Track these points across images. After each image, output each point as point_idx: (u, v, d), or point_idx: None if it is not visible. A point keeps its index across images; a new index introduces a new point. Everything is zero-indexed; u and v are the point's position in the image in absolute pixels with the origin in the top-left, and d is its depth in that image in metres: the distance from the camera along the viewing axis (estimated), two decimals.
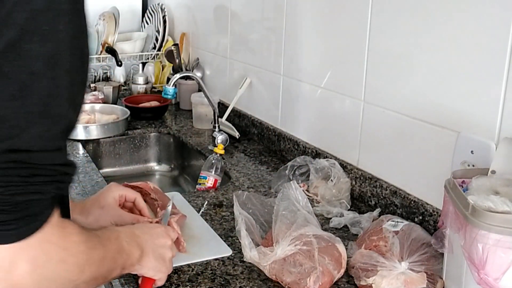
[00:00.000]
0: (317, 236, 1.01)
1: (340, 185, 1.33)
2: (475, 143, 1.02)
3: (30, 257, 0.62)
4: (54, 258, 0.65)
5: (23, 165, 0.58)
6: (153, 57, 2.51)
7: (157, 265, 0.91)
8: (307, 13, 1.53)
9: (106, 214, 1.06)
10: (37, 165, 0.59)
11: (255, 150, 1.77)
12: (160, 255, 0.92)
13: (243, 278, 1.01)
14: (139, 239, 0.88)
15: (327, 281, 0.96)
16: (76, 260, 0.68)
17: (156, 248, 0.91)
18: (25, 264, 0.62)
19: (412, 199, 1.20)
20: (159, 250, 0.92)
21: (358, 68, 1.34)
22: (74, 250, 0.68)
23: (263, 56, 1.79)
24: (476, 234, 0.78)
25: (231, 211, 1.25)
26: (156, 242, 0.92)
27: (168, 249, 0.95)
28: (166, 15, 2.47)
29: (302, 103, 1.60)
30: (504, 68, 0.97)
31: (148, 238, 0.90)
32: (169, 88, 1.73)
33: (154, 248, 0.91)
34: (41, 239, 0.62)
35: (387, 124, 1.27)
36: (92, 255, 0.72)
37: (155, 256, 0.90)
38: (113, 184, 1.12)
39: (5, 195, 0.58)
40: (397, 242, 0.99)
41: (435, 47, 1.12)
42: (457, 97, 1.08)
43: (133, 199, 1.12)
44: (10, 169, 0.57)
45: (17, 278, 0.61)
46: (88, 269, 0.70)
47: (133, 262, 0.85)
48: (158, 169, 2.04)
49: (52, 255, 0.65)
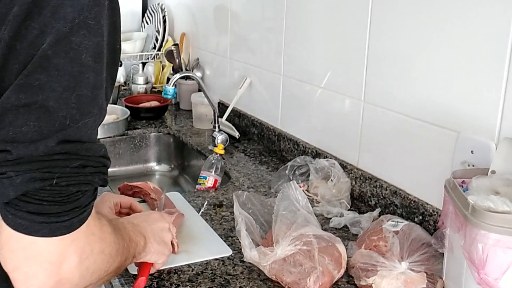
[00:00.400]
0: (317, 236, 1.01)
1: (340, 185, 1.33)
2: (475, 143, 1.02)
3: (78, 250, 0.63)
4: (95, 250, 0.66)
5: (75, 156, 0.59)
6: (153, 57, 2.51)
7: (160, 249, 0.93)
8: (307, 13, 1.53)
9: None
10: (86, 156, 0.60)
11: (255, 150, 1.77)
12: (161, 239, 0.94)
13: (243, 278, 1.01)
14: (139, 227, 0.89)
15: (327, 281, 0.96)
16: (110, 251, 0.69)
17: (156, 232, 0.93)
18: (73, 256, 0.62)
19: (412, 199, 1.20)
20: (159, 234, 0.94)
21: (358, 68, 1.34)
22: (108, 240, 0.69)
23: (263, 56, 1.79)
24: (476, 234, 0.78)
25: (231, 211, 1.25)
26: (154, 227, 0.93)
27: (167, 231, 0.97)
28: (166, 15, 2.47)
29: (302, 103, 1.60)
30: (504, 68, 0.97)
31: (146, 225, 0.92)
32: (169, 88, 1.73)
33: (154, 233, 0.92)
34: (86, 231, 0.63)
35: (387, 124, 1.27)
36: (119, 245, 0.73)
37: (156, 240, 0.92)
38: (105, 194, 1.10)
39: (60, 186, 0.58)
40: (397, 242, 0.99)
41: (435, 47, 1.12)
42: (457, 97, 1.08)
43: (129, 205, 1.11)
44: (64, 160, 0.58)
45: (65, 271, 0.61)
46: (116, 258, 0.72)
47: (140, 250, 0.86)
48: (158, 169, 2.04)
49: (94, 247, 0.66)
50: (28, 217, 0.58)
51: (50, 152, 0.57)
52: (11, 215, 0.58)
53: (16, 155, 0.56)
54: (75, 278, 0.63)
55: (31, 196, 0.57)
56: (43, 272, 0.60)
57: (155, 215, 0.99)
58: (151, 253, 0.91)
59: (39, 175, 0.57)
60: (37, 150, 0.56)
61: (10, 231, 0.59)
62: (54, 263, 0.61)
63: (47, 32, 0.55)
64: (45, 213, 0.58)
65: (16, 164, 0.56)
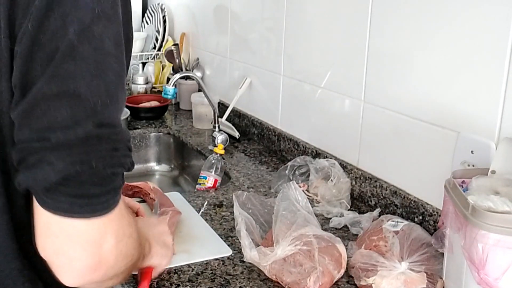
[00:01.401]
0: (317, 236, 1.01)
1: (340, 185, 1.33)
2: (475, 143, 1.02)
3: (114, 231, 0.65)
4: (126, 233, 0.68)
5: (108, 140, 0.62)
6: (153, 57, 2.51)
7: (163, 252, 0.94)
8: (307, 13, 1.53)
9: None
10: (117, 140, 0.63)
11: (255, 150, 1.77)
12: (163, 242, 0.95)
13: (243, 278, 1.01)
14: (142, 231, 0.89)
15: (327, 281, 0.96)
16: (135, 236, 0.72)
17: (157, 236, 0.95)
18: (111, 237, 0.64)
19: (412, 199, 1.20)
20: (160, 237, 0.96)
21: (358, 68, 1.34)
22: (134, 227, 0.72)
23: (263, 56, 1.79)
24: (476, 234, 0.78)
25: (231, 211, 1.25)
26: (155, 231, 0.95)
27: (168, 234, 0.98)
28: (166, 15, 2.47)
29: (302, 103, 1.60)
30: (504, 68, 0.97)
31: (147, 230, 0.93)
32: (169, 88, 1.73)
33: (156, 237, 0.94)
34: (119, 213, 0.66)
35: (387, 124, 1.27)
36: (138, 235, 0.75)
37: (159, 244, 0.93)
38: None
39: (98, 168, 0.61)
40: (397, 242, 0.99)
41: (435, 47, 1.12)
42: (457, 97, 1.08)
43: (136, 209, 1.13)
44: (99, 143, 0.61)
45: (104, 252, 0.64)
46: (138, 249, 0.74)
47: (146, 253, 0.88)
48: (158, 169, 2.04)
49: (126, 230, 0.68)
50: (70, 199, 0.60)
51: (87, 136, 0.60)
52: (51, 200, 0.60)
53: (55, 141, 0.58)
54: (112, 260, 0.65)
55: (72, 179, 0.60)
56: (84, 253, 0.63)
57: (153, 220, 1.01)
58: (156, 256, 0.92)
59: (78, 159, 0.59)
60: (75, 134, 0.59)
61: (49, 215, 0.61)
62: (94, 244, 0.63)
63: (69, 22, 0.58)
64: (85, 195, 0.61)
65: (55, 150, 0.59)
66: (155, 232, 0.95)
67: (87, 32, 0.58)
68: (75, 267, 0.63)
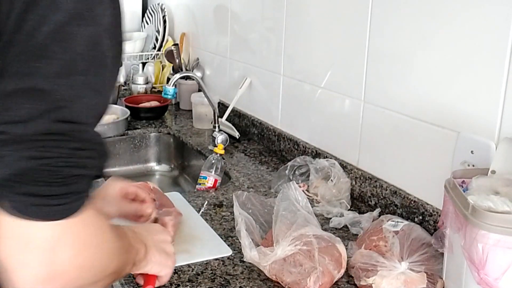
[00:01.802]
0: (317, 236, 1.01)
1: (340, 185, 1.33)
2: (475, 143, 1.02)
3: (74, 239, 0.60)
4: (93, 243, 0.64)
5: (70, 138, 0.58)
6: (153, 57, 2.51)
7: (162, 260, 0.91)
8: (307, 13, 1.53)
9: (108, 204, 1.07)
10: (83, 139, 0.60)
11: (255, 150, 1.77)
12: (163, 250, 0.92)
13: (243, 278, 1.01)
14: (141, 235, 0.88)
15: (327, 281, 0.96)
16: (108, 247, 0.67)
17: (157, 243, 0.92)
18: (68, 246, 0.60)
19: (412, 199, 1.20)
20: (161, 245, 0.93)
21: (358, 68, 1.34)
22: (107, 236, 0.67)
23: (263, 56, 1.79)
24: (476, 234, 0.78)
25: (231, 211, 1.25)
26: (156, 238, 0.92)
27: (169, 244, 0.95)
28: (166, 15, 2.47)
29: (302, 103, 1.60)
30: (504, 68, 0.97)
31: (147, 234, 0.91)
32: (169, 88, 1.73)
33: (156, 243, 0.91)
34: (83, 220, 0.61)
35: (387, 124, 1.27)
36: (118, 244, 0.71)
37: (158, 250, 0.91)
38: (112, 178, 1.12)
39: (55, 166, 0.57)
40: (397, 242, 0.99)
41: (435, 47, 1.12)
42: (457, 97, 1.08)
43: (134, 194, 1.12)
44: (59, 140, 0.58)
45: (59, 262, 0.59)
46: (115, 258, 0.70)
47: (141, 258, 0.85)
48: (158, 169, 2.04)
49: (92, 240, 0.63)
50: (23, 199, 0.57)
51: (45, 131, 0.57)
52: (5, 198, 0.57)
53: (10, 135, 0.56)
54: (70, 272, 0.61)
55: (26, 176, 0.56)
56: (36, 260, 0.58)
57: (157, 227, 0.99)
58: (152, 263, 0.89)
59: (33, 154, 0.56)
60: (31, 128, 0.56)
61: (5, 216, 0.57)
62: (47, 251, 0.58)
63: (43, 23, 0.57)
64: (41, 194, 0.57)
65: (10, 143, 0.56)
66: (156, 238, 0.92)
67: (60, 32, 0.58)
68: (25, 275, 0.58)
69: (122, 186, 1.10)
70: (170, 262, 0.94)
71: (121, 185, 1.10)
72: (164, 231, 0.98)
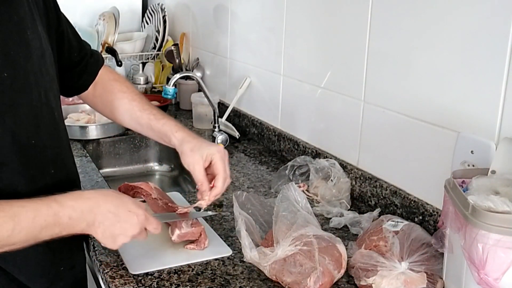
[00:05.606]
0: (317, 236, 1.01)
1: (340, 185, 1.33)
2: (475, 143, 1.02)
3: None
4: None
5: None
6: (153, 57, 2.51)
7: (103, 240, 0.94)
8: (307, 13, 1.53)
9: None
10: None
11: (255, 150, 1.77)
12: (111, 235, 0.94)
13: (243, 278, 1.01)
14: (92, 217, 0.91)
15: (327, 281, 0.97)
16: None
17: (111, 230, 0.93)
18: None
19: (412, 199, 1.20)
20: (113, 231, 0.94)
21: (358, 68, 1.34)
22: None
23: (263, 56, 1.79)
24: (476, 234, 0.78)
25: (231, 211, 1.25)
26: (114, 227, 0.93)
27: (125, 236, 0.95)
28: (166, 15, 2.47)
29: (302, 103, 1.60)
30: (504, 68, 0.97)
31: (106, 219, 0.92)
32: (169, 88, 1.73)
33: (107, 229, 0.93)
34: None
35: (387, 124, 1.27)
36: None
37: (104, 235, 0.93)
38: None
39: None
40: (397, 242, 0.99)
41: (435, 47, 1.12)
42: (457, 97, 1.08)
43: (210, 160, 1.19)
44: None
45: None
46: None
47: (77, 231, 0.91)
48: (158, 169, 2.04)
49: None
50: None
51: None
52: None
53: None
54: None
55: None
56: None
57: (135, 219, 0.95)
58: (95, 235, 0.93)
59: None
60: None
61: None
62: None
63: None
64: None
65: None
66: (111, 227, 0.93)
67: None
68: None
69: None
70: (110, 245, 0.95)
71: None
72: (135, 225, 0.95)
